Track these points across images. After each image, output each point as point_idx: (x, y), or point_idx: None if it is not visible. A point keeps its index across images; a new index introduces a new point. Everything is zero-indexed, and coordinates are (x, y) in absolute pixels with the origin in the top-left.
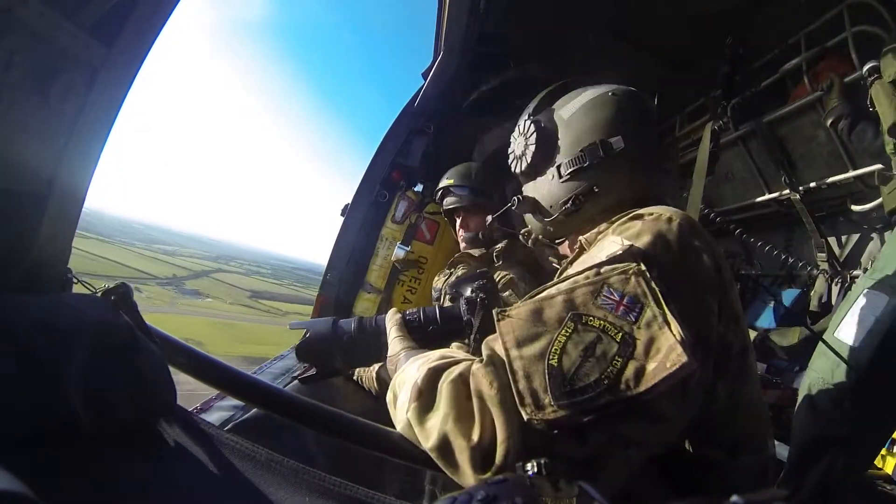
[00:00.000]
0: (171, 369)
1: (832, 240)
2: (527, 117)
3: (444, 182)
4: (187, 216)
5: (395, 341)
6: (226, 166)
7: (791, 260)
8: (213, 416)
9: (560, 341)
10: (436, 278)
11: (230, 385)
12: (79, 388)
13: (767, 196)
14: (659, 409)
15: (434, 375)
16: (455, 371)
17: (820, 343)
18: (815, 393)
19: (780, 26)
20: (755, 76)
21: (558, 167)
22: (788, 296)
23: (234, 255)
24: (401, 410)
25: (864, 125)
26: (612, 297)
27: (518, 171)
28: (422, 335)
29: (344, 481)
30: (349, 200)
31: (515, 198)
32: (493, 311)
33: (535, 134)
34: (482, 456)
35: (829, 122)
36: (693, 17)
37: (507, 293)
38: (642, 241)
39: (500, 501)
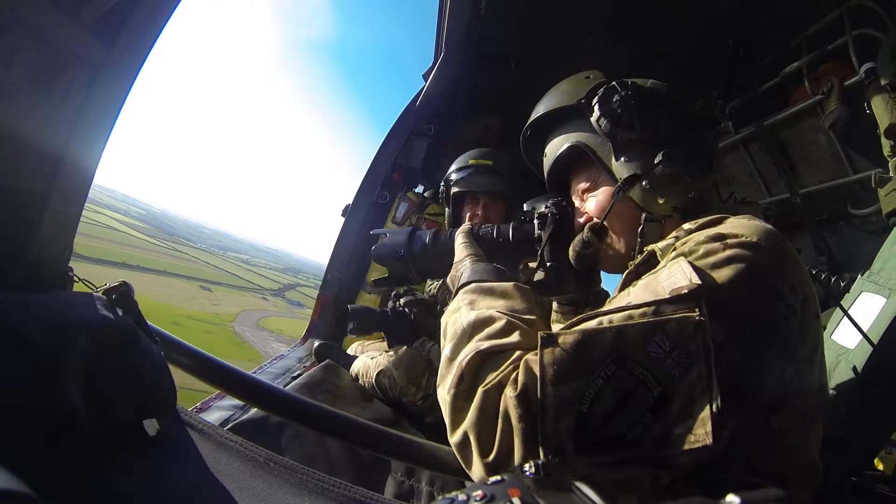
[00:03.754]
0: (172, 368)
1: (832, 243)
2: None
3: (474, 160)
4: (243, 221)
5: (460, 247)
6: (283, 178)
7: None
8: (213, 416)
9: (597, 385)
10: (429, 282)
11: (230, 384)
12: (79, 386)
13: (768, 199)
14: (676, 463)
15: (479, 364)
16: (496, 376)
17: None
18: None
19: (780, 29)
20: (756, 79)
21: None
22: None
23: (298, 268)
24: (444, 377)
25: (862, 128)
26: (663, 345)
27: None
28: (491, 247)
29: (343, 481)
30: (350, 201)
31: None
32: (539, 335)
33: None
34: (496, 473)
35: (828, 125)
36: (694, 18)
37: None
38: (718, 277)
39: (498, 501)
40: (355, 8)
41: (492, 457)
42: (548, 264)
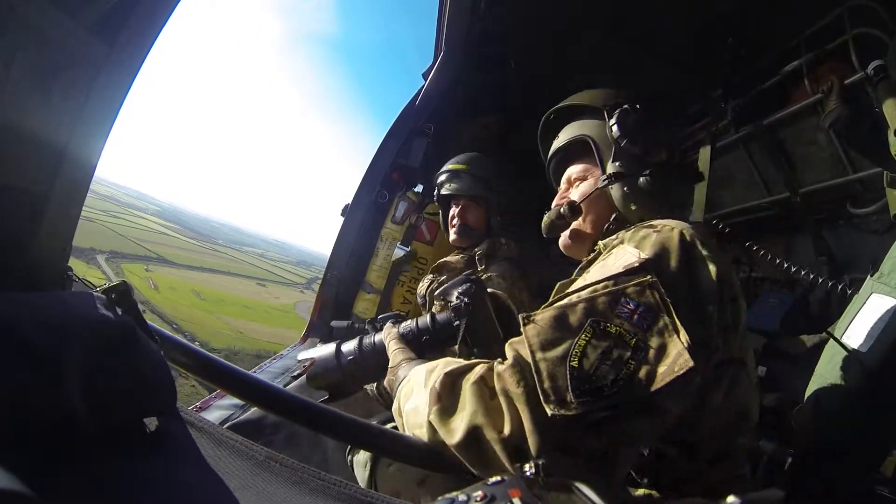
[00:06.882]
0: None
1: (832, 242)
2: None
3: (453, 165)
4: (247, 214)
5: (394, 353)
6: (285, 170)
7: (791, 265)
8: (213, 415)
9: (580, 345)
10: (420, 284)
11: (230, 383)
12: (79, 386)
13: (768, 198)
14: (664, 405)
15: (452, 380)
16: (475, 373)
17: (827, 348)
18: (821, 398)
19: (781, 28)
20: (756, 78)
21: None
22: (786, 301)
23: (308, 262)
24: (415, 416)
25: (862, 127)
26: (628, 306)
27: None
28: (418, 345)
29: (343, 480)
30: (349, 200)
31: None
32: (520, 316)
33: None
34: (514, 447)
35: (828, 124)
36: (694, 17)
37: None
38: (652, 251)
39: (498, 502)
40: (357, 4)
41: (507, 430)
42: (474, 351)
